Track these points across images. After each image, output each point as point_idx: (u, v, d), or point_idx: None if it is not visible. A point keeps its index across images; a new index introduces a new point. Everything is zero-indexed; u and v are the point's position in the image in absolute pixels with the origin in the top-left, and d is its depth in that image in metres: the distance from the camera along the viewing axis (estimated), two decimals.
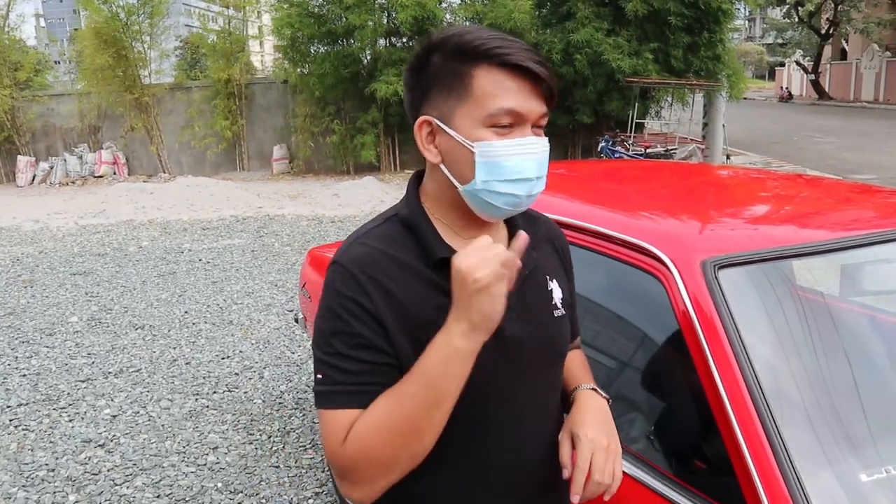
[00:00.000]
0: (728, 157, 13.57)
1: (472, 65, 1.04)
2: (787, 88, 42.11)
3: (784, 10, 38.01)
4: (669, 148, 11.75)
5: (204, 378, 4.46)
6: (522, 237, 1.00)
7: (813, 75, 38.15)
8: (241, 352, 4.88)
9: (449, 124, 1.07)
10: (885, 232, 1.63)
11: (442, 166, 1.10)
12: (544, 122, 1.09)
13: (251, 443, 3.66)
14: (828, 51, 39.09)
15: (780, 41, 41.64)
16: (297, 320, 3.71)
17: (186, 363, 4.70)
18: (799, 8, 34.17)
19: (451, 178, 1.09)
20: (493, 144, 1.04)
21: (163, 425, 3.87)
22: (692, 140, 12.83)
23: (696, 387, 1.36)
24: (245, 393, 4.25)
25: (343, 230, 8.99)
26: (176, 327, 5.40)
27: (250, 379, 4.44)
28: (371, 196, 11.08)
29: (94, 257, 7.74)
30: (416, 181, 1.19)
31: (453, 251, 1.06)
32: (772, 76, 53.32)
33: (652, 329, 1.66)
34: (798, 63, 40.49)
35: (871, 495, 1.23)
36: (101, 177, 14.38)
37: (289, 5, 13.29)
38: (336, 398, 1.04)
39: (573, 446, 1.14)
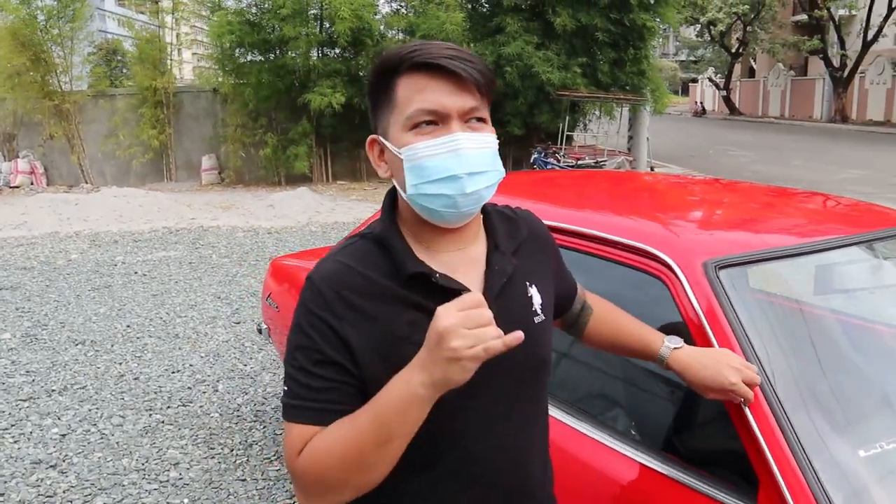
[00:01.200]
0: (652, 169, 14.11)
1: (394, 76, 1.07)
2: (701, 104, 44.05)
3: (697, 29, 39.77)
4: (599, 160, 12.14)
5: (155, 393, 4.34)
6: (517, 336, 0.95)
7: (724, 92, 40.09)
8: (191, 365, 4.77)
9: (387, 138, 1.10)
10: (848, 237, 1.79)
11: (394, 180, 1.13)
12: (480, 114, 1.08)
13: (213, 457, 3.59)
14: (738, 68, 41.15)
15: (692, 58, 43.50)
16: (260, 331, 3.67)
17: (135, 378, 4.56)
18: (711, 27, 35.83)
19: (399, 189, 1.12)
20: (415, 147, 1.05)
21: (117, 442, 3.74)
22: (620, 152, 13.29)
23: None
24: (201, 407, 4.16)
25: (280, 241, 8.88)
26: (119, 342, 5.23)
27: (204, 392, 4.35)
28: (306, 207, 10.98)
29: (19, 271, 7.39)
30: (391, 198, 1.18)
31: (426, 266, 1.09)
32: (685, 92, 55.68)
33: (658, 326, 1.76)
34: (710, 80, 42.42)
35: (870, 467, 1.36)
36: (17, 187, 13.70)
37: (226, 12, 13.05)
38: (295, 412, 1.06)
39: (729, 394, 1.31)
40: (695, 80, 50.17)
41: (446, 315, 0.93)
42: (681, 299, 1.55)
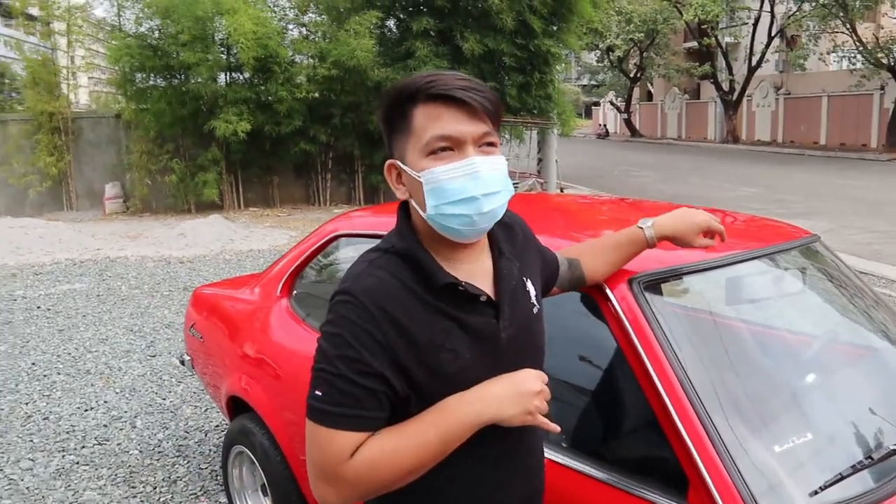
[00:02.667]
0: (562, 190, 14.56)
1: (411, 105, 1.16)
2: (604, 126, 45.80)
3: (597, 55, 41.44)
4: (512, 182, 12.41)
5: (68, 433, 4.15)
6: (555, 428, 1.20)
7: (625, 115, 41.87)
8: (105, 402, 4.57)
9: (405, 162, 1.19)
10: (760, 250, 1.96)
11: (411, 201, 1.22)
12: (491, 139, 1.18)
13: (135, 496, 3.45)
14: (637, 92, 43.11)
15: (594, 83, 45.25)
16: (182, 362, 3.58)
17: (44, 418, 4.34)
18: (610, 53, 37.42)
19: (418, 209, 1.20)
20: (434, 171, 1.14)
21: (28, 488, 3.55)
22: (531, 174, 13.66)
23: (636, 389, 1.56)
24: (118, 444, 4.00)
25: (194, 270, 8.64)
26: (24, 381, 4.96)
27: (121, 429, 4.18)
28: (220, 234, 10.72)
29: None
30: (405, 213, 1.26)
31: (453, 277, 1.19)
32: (588, 114, 57.74)
33: (590, 342, 1.86)
34: (612, 103, 44.22)
35: (784, 461, 1.50)
36: None
37: (124, 35, 12.67)
38: (340, 420, 1.12)
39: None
40: (597, 104, 52.17)
41: (538, 381, 1.18)
42: (609, 315, 1.65)
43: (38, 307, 6.93)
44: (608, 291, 1.66)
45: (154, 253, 9.75)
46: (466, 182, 1.14)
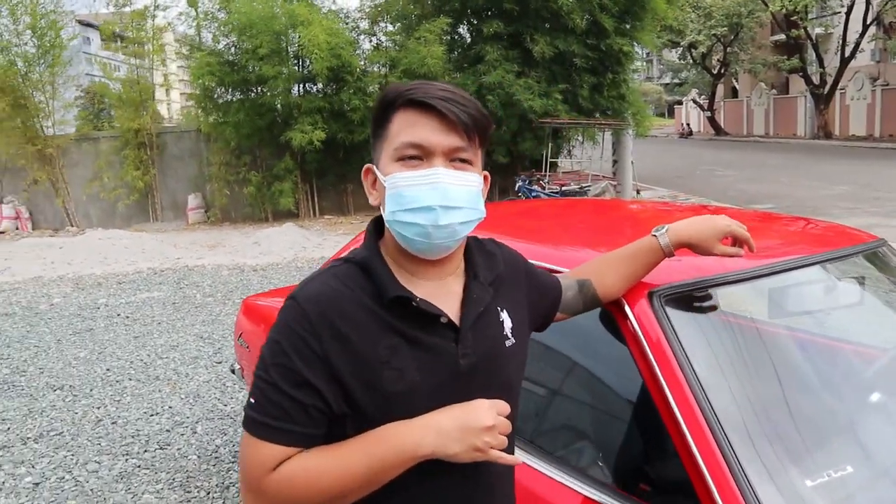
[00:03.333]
0: (638, 192, 14.19)
1: (391, 110, 1.14)
2: (687, 125, 44.49)
3: (679, 52, 40.32)
4: (583, 185, 12.19)
5: (133, 437, 4.29)
6: (515, 460, 1.14)
7: (709, 112, 40.52)
8: (170, 407, 4.71)
9: (378, 167, 1.17)
10: (805, 257, 1.79)
11: (381, 207, 1.17)
12: (465, 155, 1.13)
13: (189, 501, 3.53)
14: (721, 89, 41.66)
15: (676, 81, 44.05)
16: (233, 371, 3.64)
17: (113, 422, 4.51)
18: (692, 50, 36.32)
19: (383, 214, 1.16)
20: (396, 176, 1.11)
21: (92, 489, 3.68)
22: (604, 177, 13.37)
23: (655, 416, 1.44)
24: (178, 449, 4.10)
25: (266, 278, 8.85)
26: (98, 386, 5.17)
27: (183, 435, 4.29)
28: (293, 243, 10.96)
29: (0, 318, 7.33)
30: (375, 225, 1.24)
31: (407, 291, 1.13)
32: (671, 114, 56.21)
33: (606, 357, 1.75)
34: (695, 101, 42.91)
35: (818, 498, 1.34)
36: (2, 232, 13.67)
37: (205, 53, 13.17)
38: (267, 431, 1.08)
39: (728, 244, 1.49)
40: (679, 103, 50.74)
41: (490, 414, 1.07)
42: (627, 332, 1.54)
43: (118, 315, 7.23)
44: (626, 307, 1.54)
45: (230, 261, 10.04)
46: (426, 191, 1.09)
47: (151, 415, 4.61)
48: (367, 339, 1.10)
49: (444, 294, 1.18)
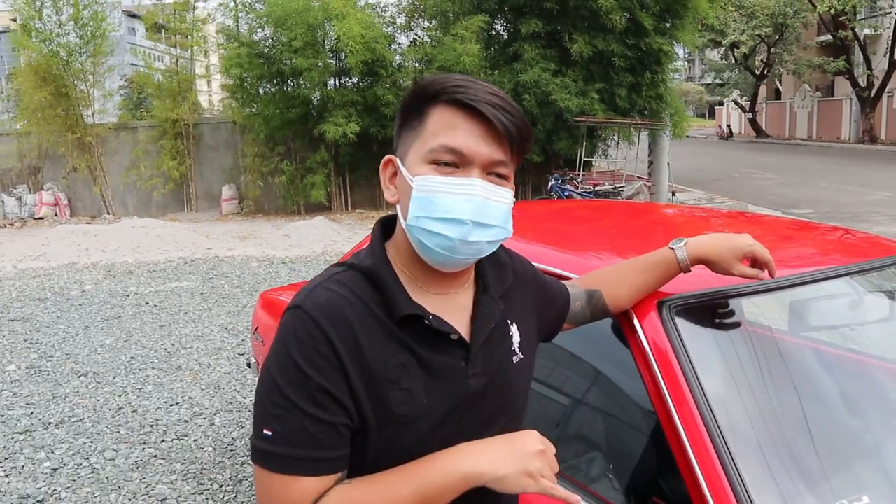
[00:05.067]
0: (673, 194, 13.94)
1: (430, 104, 1.03)
2: (728, 127, 43.69)
3: (721, 52, 39.58)
4: (617, 186, 12.01)
5: (151, 426, 4.31)
6: (576, 499, 1.03)
7: (750, 114, 39.74)
8: (190, 398, 4.73)
9: (404, 162, 1.06)
10: (831, 269, 1.69)
11: (397, 208, 1.08)
12: (504, 170, 1.04)
13: (202, 493, 3.53)
14: (763, 90, 40.84)
15: (718, 81, 43.25)
16: (248, 365, 3.63)
17: (133, 411, 4.54)
18: (735, 50, 35.63)
19: (400, 216, 1.07)
20: (429, 179, 1.01)
21: (107, 477, 3.70)
22: (639, 177, 13.15)
23: (655, 424, 1.37)
24: (195, 441, 4.11)
25: (294, 271, 8.88)
26: (121, 374, 5.22)
27: (200, 426, 4.31)
28: (323, 236, 11.00)
29: (33, 302, 7.47)
30: (382, 228, 1.14)
31: (420, 308, 1.03)
32: (711, 115, 55.28)
33: (611, 368, 1.67)
34: (736, 102, 42.10)
35: None
36: (41, 218, 13.97)
37: (238, 45, 13.28)
38: (295, 465, 0.97)
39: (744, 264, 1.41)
40: (721, 104, 49.85)
41: (538, 440, 1.02)
42: (633, 340, 1.46)
43: (147, 303, 7.31)
44: (633, 317, 1.47)
45: (260, 253, 10.11)
46: (460, 202, 1.00)
47: (171, 405, 4.63)
48: (379, 354, 1.01)
49: (454, 308, 1.10)
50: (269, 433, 0.98)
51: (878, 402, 1.68)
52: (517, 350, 1.16)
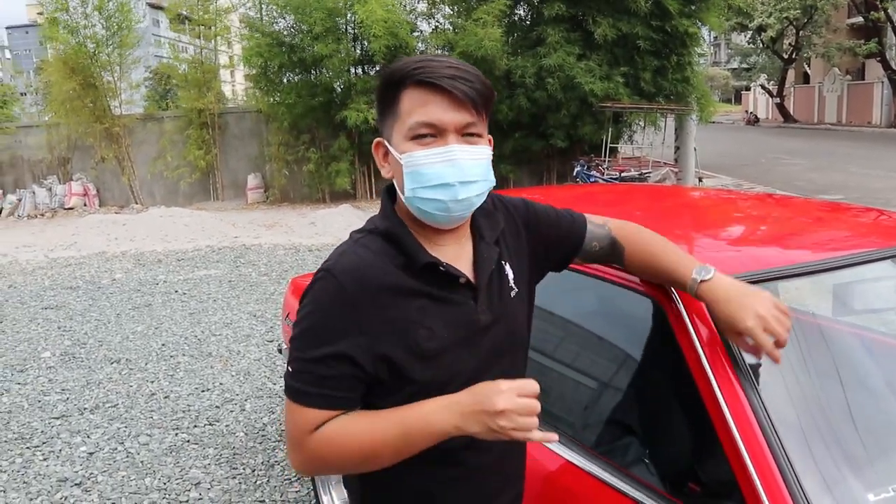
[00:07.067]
0: (700, 180, 13.78)
1: (400, 88, 1.18)
2: (753, 113, 43.00)
3: (748, 36, 38.94)
4: (643, 172, 11.90)
5: (184, 412, 4.37)
6: (552, 437, 1.19)
7: (778, 99, 39.05)
8: (221, 384, 4.79)
9: (390, 143, 1.22)
10: (875, 251, 1.65)
11: (394, 180, 1.24)
12: (475, 129, 1.18)
13: (234, 477, 3.57)
14: (791, 75, 40.09)
15: (744, 66, 42.55)
16: (280, 351, 3.66)
17: (165, 397, 4.60)
18: (762, 33, 35.03)
19: (398, 189, 1.23)
20: (414, 155, 1.16)
21: (142, 462, 3.77)
22: (665, 163, 13.02)
23: (703, 405, 1.35)
24: (227, 426, 4.16)
25: (320, 258, 8.91)
26: (153, 360, 5.29)
27: (231, 412, 4.35)
28: (348, 224, 11.02)
29: (65, 291, 7.59)
30: (389, 195, 1.29)
31: (434, 258, 1.20)
32: (738, 100, 54.48)
33: (650, 350, 1.65)
34: (763, 87, 41.43)
35: None
36: (71, 209, 14.17)
37: (259, 35, 13.31)
38: (306, 398, 1.17)
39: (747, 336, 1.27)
40: (747, 88, 49.08)
41: (503, 398, 1.08)
42: (675, 320, 1.44)
43: (176, 291, 7.40)
44: (675, 295, 1.45)
45: (286, 241, 10.17)
46: (444, 168, 1.15)
47: (202, 391, 4.69)
48: (401, 304, 1.18)
49: (459, 257, 1.25)
50: (291, 370, 1.20)
51: None
52: (513, 285, 1.31)
